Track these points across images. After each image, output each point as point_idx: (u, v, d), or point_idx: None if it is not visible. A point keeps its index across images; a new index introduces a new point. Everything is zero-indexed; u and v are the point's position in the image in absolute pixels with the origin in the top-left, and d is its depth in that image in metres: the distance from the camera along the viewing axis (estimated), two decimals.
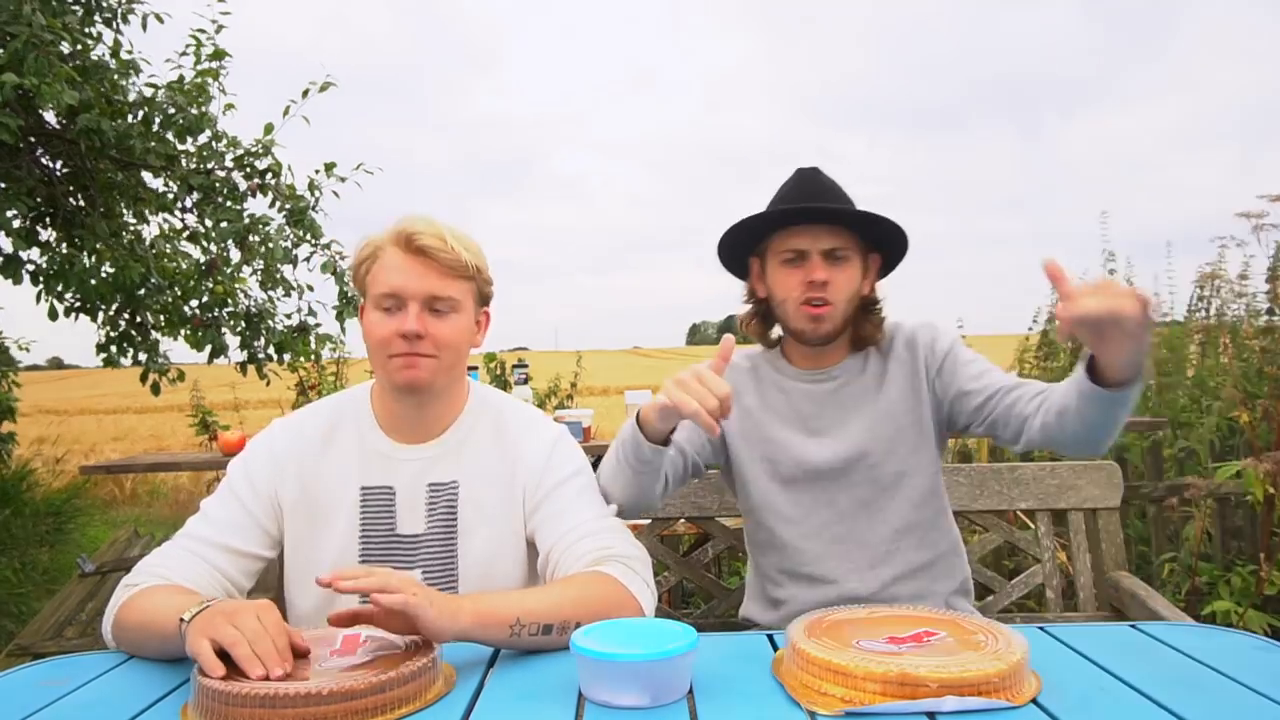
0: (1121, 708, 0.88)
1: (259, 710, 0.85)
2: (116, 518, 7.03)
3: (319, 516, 1.27)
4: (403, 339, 1.21)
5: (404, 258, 1.21)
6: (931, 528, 1.50)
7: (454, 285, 1.23)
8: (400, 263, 1.21)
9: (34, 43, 3.44)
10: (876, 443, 1.47)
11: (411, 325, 1.20)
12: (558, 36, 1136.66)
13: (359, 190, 4.70)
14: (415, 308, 1.21)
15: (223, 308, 4.52)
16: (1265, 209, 3.01)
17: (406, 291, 1.21)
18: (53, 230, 4.44)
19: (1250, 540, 3.14)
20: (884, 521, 1.47)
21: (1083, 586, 1.81)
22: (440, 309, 1.23)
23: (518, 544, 1.29)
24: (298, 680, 0.88)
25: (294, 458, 1.29)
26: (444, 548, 1.26)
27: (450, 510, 1.27)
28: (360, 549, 1.26)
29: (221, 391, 6.43)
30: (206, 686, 0.88)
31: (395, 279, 1.21)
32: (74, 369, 44.53)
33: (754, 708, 0.89)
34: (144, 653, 1.11)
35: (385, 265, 1.22)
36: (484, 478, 1.29)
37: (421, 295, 1.21)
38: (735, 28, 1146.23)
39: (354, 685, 0.87)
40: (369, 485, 1.28)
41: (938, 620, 1.03)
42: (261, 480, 1.28)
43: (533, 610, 1.05)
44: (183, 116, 4.24)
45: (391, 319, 1.22)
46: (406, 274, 1.21)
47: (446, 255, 1.21)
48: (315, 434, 1.31)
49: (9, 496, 4.88)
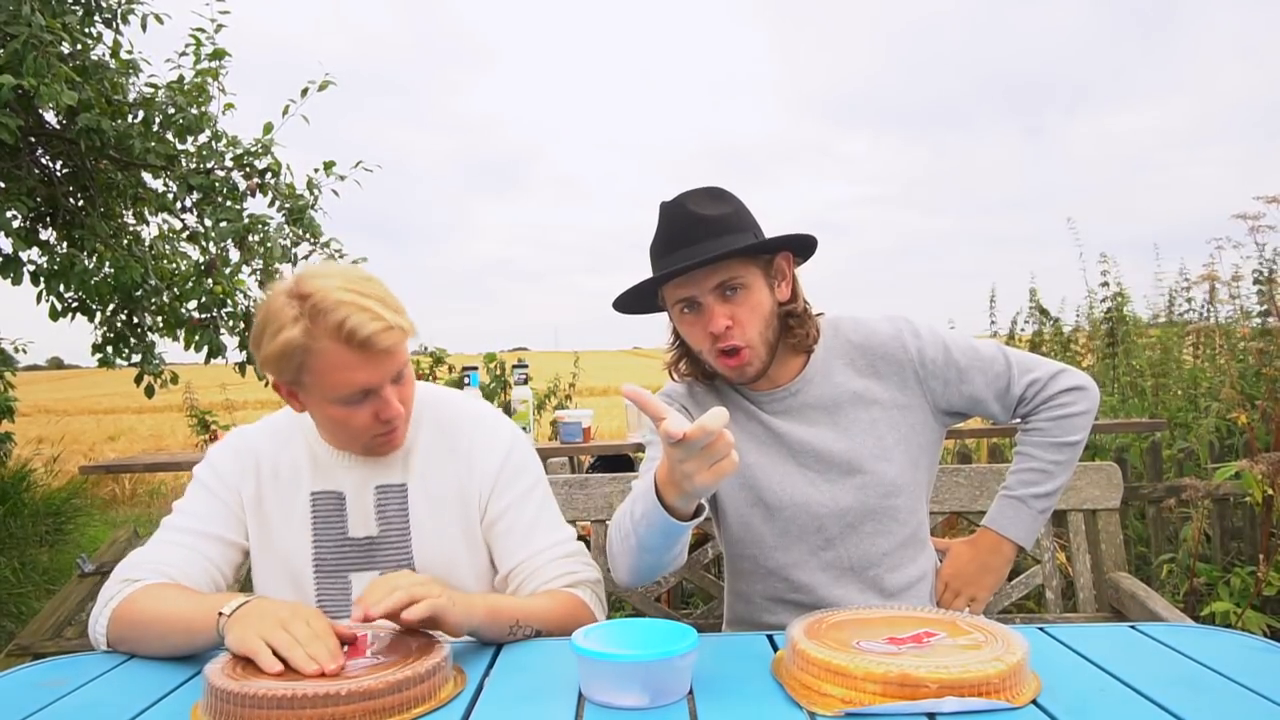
0: (1121, 708, 0.88)
1: (275, 711, 0.85)
2: (116, 518, 7.02)
3: (273, 517, 1.28)
4: (385, 423, 1.19)
5: (355, 355, 1.12)
6: (916, 543, 1.44)
7: (403, 352, 1.19)
8: (354, 360, 1.12)
9: (34, 43, 3.44)
10: (861, 452, 1.39)
11: (396, 409, 1.18)
12: (558, 34, 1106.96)
13: (358, 189, 4.70)
14: (389, 391, 1.17)
15: (221, 308, 4.51)
16: (1262, 210, 3.01)
17: (374, 385, 1.16)
18: (52, 230, 4.44)
19: (1249, 541, 3.15)
20: (878, 541, 1.40)
21: (1082, 587, 1.81)
22: (398, 376, 1.19)
23: (473, 542, 1.29)
24: (312, 682, 0.88)
25: (252, 455, 1.30)
26: (398, 549, 1.27)
27: (401, 511, 1.27)
28: (313, 553, 1.27)
29: (216, 392, 6.43)
30: (219, 688, 0.87)
31: (360, 378, 1.14)
32: (73, 369, 44.49)
33: (754, 708, 0.89)
34: (148, 650, 1.11)
35: (335, 365, 1.12)
36: (433, 478, 1.28)
37: (389, 379, 1.17)
38: (737, 25, 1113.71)
39: (371, 685, 0.87)
40: (318, 490, 1.28)
41: (938, 621, 1.03)
42: (228, 474, 1.29)
43: (530, 615, 1.15)
44: (182, 116, 4.24)
45: (362, 409, 1.17)
46: (369, 370, 1.14)
47: (393, 336, 1.14)
48: (271, 436, 1.32)
49: (8, 496, 4.88)
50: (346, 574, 1.26)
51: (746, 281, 1.32)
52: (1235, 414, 2.92)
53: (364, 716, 0.86)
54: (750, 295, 1.33)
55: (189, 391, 5.47)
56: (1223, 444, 3.41)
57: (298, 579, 1.26)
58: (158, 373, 4.72)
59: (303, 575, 1.26)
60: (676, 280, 1.32)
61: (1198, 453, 3.39)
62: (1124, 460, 3.36)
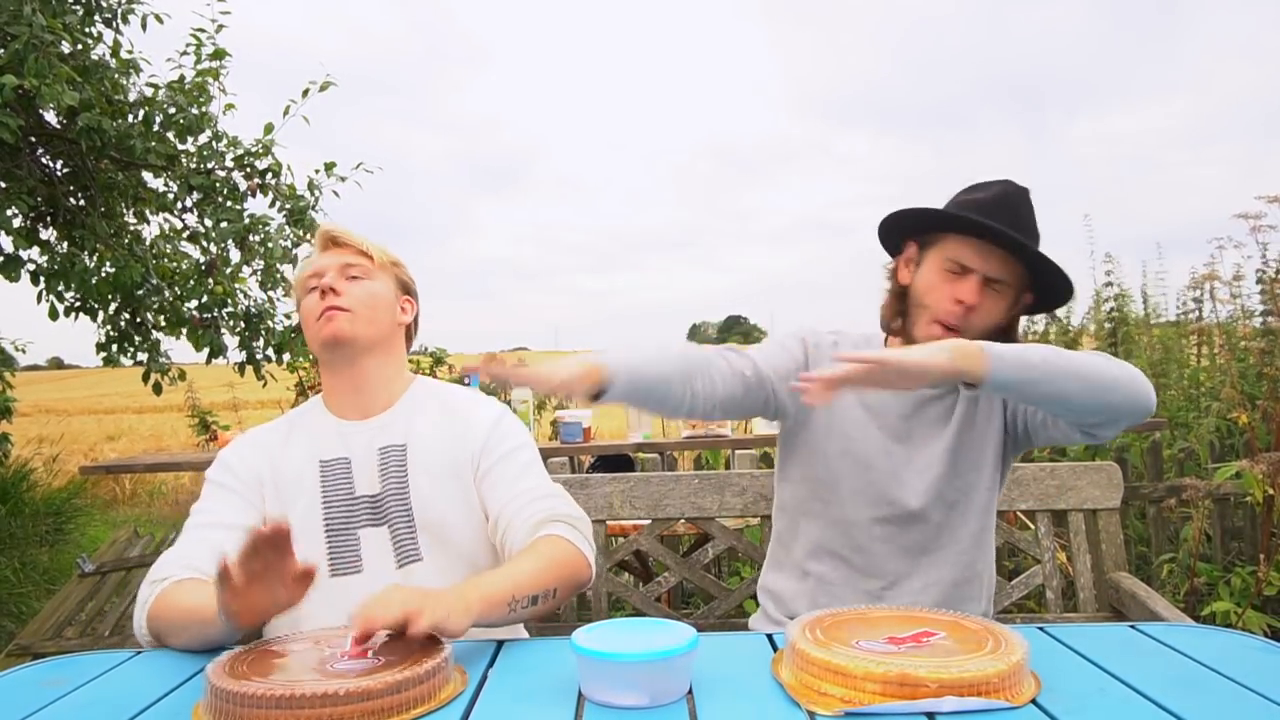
0: (1121, 708, 0.88)
1: (274, 711, 0.84)
2: (116, 518, 7.03)
3: (286, 495, 1.34)
4: (320, 297, 1.34)
5: (321, 251, 1.41)
6: (978, 546, 1.45)
7: (366, 261, 1.39)
8: (317, 257, 1.40)
9: (34, 43, 3.44)
10: (952, 469, 1.41)
11: (328, 281, 1.34)
12: (558, 33, 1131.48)
13: (359, 190, 4.70)
14: (333, 274, 1.36)
15: (222, 308, 4.51)
16: (1263, 210, 3.01)
17: (322, 266, 1.36)
18: (53, 230, 4.45)
19: (1250, 541, 3.15)
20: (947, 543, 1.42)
21: (1082, 587, 1.81)
22: (354, 275, 1.37)
23: (468, 501, 1.35)
24: (312, 682, 0.88)
25: (264, 446, 1.39)
26: (400, 503, 1.33)
27: (400, 469, 1.34)
28: (324, 513, 1.32)
29: (220, 391, 6.43)
30: (219, 687, 0.87)
31: (315, 263, 1.39)
32: (74, 369, 44.55)
33: (753, 708, 0.89)
34: (185, 644, 1.15)
35: (309, 263, 1.41)
36: (431, 439, 1.36)
37: (336, 265, 1.37)
38: (739, 24, 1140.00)
39: (370, 686, 0.87)
40: (327, 459, 1.36)
41: (937, 620, 1.03)
42: (241, 466, 1.36)
43: (521, 585, 1.14)
44: (183, 116, 4.24)
45: (315, 295, 1.35)
46: (323, 257, 1.39)
47: (356, 239, 1.40)
48: (281, 430, 1.41)
49: (9, 496, 4.88)
50: (355, 531, 1.32)
51: (1007, 292, 1.36)
52: (1236, 414, 2.92)
53: (363, 717, 0.86)
54: (1002, 301, 1.36)
55: (191, 391, 5.48)
56: (1223, 444, 3.41)
57: (311, 539, 1.30)
58: (164, 370, 4.73)
59: (315, 535, 1.31)
60: (973, 242, 1.33)
61: (1198, 452, 3.39)
62: (1124, 460, 3.36)
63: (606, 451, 3.27)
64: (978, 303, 1.33)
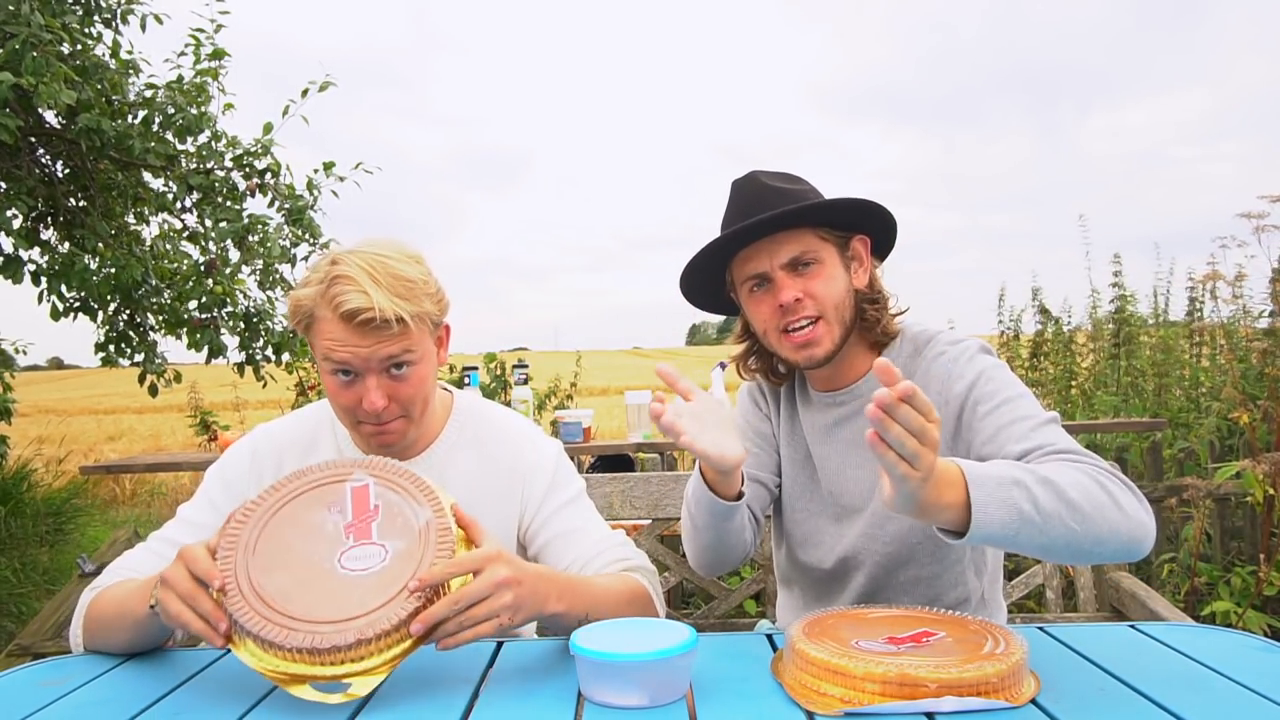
0: (1121, 708, 0.88)
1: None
2: (116, 518, 7.03)
3: None
4: (371, 415, 1.16)
5: (343, 329, 1.11)
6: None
7: (402, 341, 1.13)
8: (341, 334, 1.11)
9: (33, 42, 3.44)
10: None
11: (374, 402, 1.13)
12: (559, 31, 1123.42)
13: (358, 189, 4.70)
14: (373, 380, 1.14)
15: (221, 308, 4.52)
16: (1266, 210, 3.01)
17: (355, 366, 1.13)
18: (53, 230, 4.45)
19: (1250, 541, 3.15)
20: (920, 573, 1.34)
21: (1082, 587, 1.81)
22: (397, 368, 1.15)
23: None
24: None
25: (273, 460, 1.28)
26: None
27: None
28: None
29: (223, 391, 6.43)
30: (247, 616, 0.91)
31: (341, 354, 1.11)
32: (74, 369, 44.50)
33: (753, 708, 0.89)
34: (116, 646, 1.11)
35: (325, 334, 1.12)
36: (470, 490, 1.25)
37: (375, 366, 1.13)
38: (745, 18, 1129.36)
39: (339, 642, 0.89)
40: None
41: (937, 620, 1.03)
42: (237, 481, 1.27)
43: (599, 605, 1.08)
44: (182, 116, 4.24)
45: (350, 389, 1.15)
46: (353, 349, 1.11)
47: (384, 318, 1.09)
48: (298, 439, 1.30)
49: (9, 496, 4.88)
50: None
51: (821, 258, 1.26)
52: (1237, 414, 2.92)
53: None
54: (824, 270, 1.26)
55: (193, 391, 5.48)
56: (1223, 444, 3.41)
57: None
58: (160, 372, 4.72)
59: None
60: (746, 252, 1.26)
61: (1198, 452, 3.39)
62: (1124, 460, 3.36)
63: (606, 451, 3.27)
64: (795, 293, 1.24)
